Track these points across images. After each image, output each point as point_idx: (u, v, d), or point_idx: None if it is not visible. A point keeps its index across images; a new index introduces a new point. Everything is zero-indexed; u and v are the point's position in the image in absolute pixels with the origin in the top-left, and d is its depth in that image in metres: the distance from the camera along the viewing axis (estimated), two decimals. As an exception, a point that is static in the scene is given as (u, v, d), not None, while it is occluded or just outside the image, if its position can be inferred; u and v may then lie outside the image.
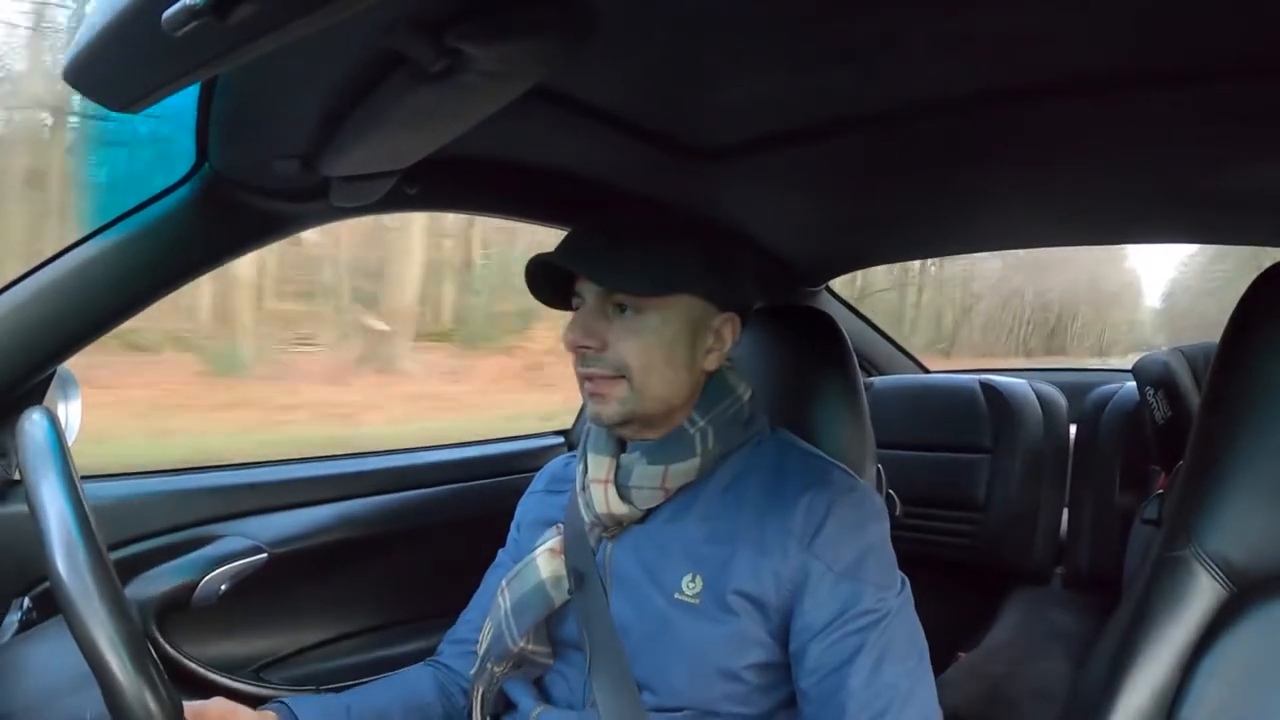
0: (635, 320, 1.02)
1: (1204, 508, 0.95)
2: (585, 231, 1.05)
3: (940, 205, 1.73)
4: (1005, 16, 0.88)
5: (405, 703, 1.12)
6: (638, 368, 1.01)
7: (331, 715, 1.05)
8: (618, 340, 1.02)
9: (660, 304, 1.02)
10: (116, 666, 0.71)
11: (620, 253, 1.01)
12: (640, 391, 1.02)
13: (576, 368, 1.05)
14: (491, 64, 0.74)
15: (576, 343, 1.02)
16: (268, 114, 0.97)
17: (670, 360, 1.03)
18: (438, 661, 1.21)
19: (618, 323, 1.02)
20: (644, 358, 1.01)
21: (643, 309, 1.01)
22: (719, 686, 0.97)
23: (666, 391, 1.03)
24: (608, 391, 1.02)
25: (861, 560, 0.97)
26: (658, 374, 1.02)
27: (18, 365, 1.13)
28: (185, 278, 1.19)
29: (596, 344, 1.02)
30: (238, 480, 1.50)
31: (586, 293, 1.04)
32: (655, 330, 1.02)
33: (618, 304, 1.02)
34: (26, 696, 0.91)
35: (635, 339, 1.01)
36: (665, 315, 1.02)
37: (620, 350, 1.01)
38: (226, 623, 1.44)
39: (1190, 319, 24.26)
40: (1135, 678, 0.90)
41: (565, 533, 1.11)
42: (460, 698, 1.16)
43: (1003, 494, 2.25)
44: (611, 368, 1.02)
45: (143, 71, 0.69)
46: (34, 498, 0.77)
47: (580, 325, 1.03)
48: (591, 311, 1.03)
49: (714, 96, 1.13)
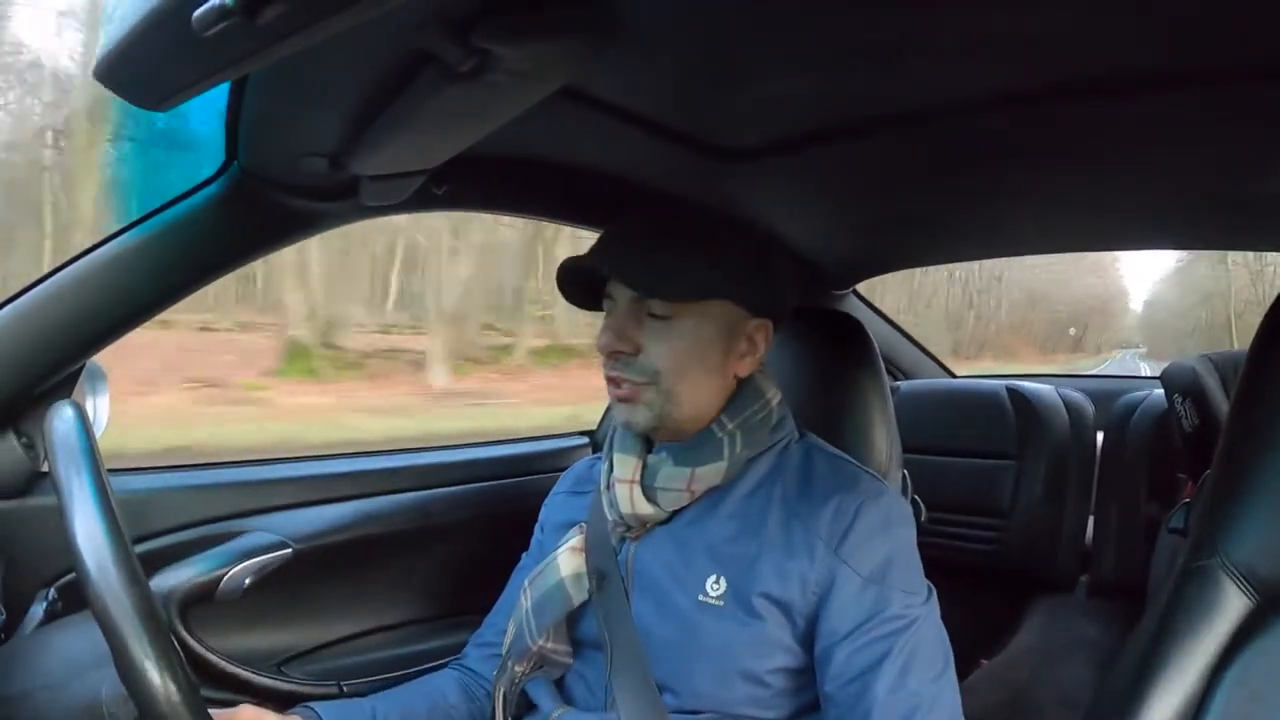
0: (670, 325, 1.01)
1: (1231, 518, 0.94)
2: (620, 234, 1.04)
3: (969, 208, 1.72)
4: (1034, 17, 0.87)
5: (430, 706, 1.12)
6: (669, 373, 1.01)
7: (354, 717, 1.06)
8: (651, 345, 1.01)
9: (695, 309, 1.01)
10: (140, 658, 0.72)
11: (656, 257, 1.00)
12: (670, 397, 1.01)
13: (605, 371, 1.04)
14: (519, 64, 0.74)
15: (610, 347, 1.01)
16: (297, 113, 0.97)
17: (703, 366, 1.03)
18: (462, 664, 1.21)
19: (651, 327, 1.01)
20: (676, 363, 1.01)
21: (677, 314, 1.01)
22: (741, 689, 0.97)
23: (697, 397, 1.03)
24: (636, 396, 1.02)
25: (888, 565, 0.96)
26: (689, 380, 1.02)
27: (47, 359, 1.14)
28: (214, 274, 1.20)
29: (630, 348, 1.01)
30: (263, 476, 1.51)
31: (619, 296, 1.03)
32: (689, 335, 1.01)
33: (651, 309, 1.01)
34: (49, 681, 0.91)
35: (669, 344, 1.01)
36: (700, 320, 1.02)
37: (653, 355, 1.01)
38: (250, 617, 1.44)
39: (1166, 327, 29.48)
40: (1159, 688, 0.89)
41: (587, 532, 1.10)
42: (484, 701, 1.16)
43: (1028, 501, 2.23)
44: (643, 373, 1.01)
45: (173, 70, 0.69)
46: (61, 490, 0.77)
47: (613, 329, 1.02)
48: (625, 315, 1.03)
49: (741, 97, 1.13)
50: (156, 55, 0.66)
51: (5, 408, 1.14)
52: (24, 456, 1.18)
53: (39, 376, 1.15)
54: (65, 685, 0.90)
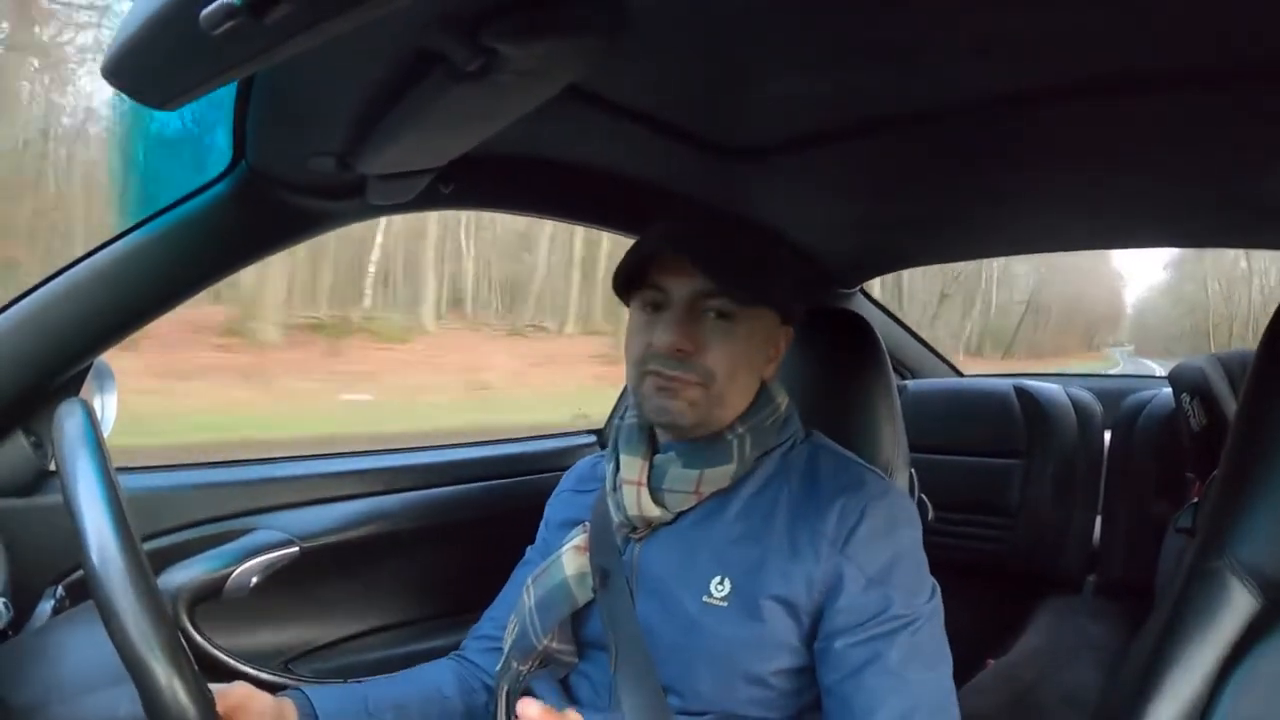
0: (730, 326, 1.00)
1: (1238, 518, 0.94)
2: (689, 226, 1.04)
3: (977, 207, 1.71)
4: (1044, 16, 0.87)
5: (425, 696, 1.11)
6: (723, 375, 1.00)
7: (348, 705, 1.05)
8: (709, 345, 1.00)
9: (750, 313, 1.01)
10: (147, 656, 0.72)
11: (730, 255, 1.00)
12: (718, 398, 1.01)
13: (647, 366, 1.01)
14: (526, 63, 0.74)
15: (675, 346, 0.99)
16: (304, 112, 0.97)
17: (749, 370, 1.03)
18: (461, 656, 1.21)
19: (711, 327, 1.00)
20: (731, 365, 1.01)
21: (736, 316, 1.00)
22: (744, 691, 0.97)
23: (739, 400, 1.04)
24: (683, 391, 1.00)
25: (893, 565, 0.96)
26: (737, 383, 1.02)
27: (55, 357, 1.15)
28: (221, 273, 1.20)
29: (693, 347, 0.99)
30: (270, 474, 1.51)
31: (676, 291, 1.01)
32: (744, 339, 1.01)
33: (717, 309, 1.00)
34: (59, 682, 0.92)
35: (729, 346, 1.00)
36: (751, 325, 1.02)
37: (712, 357, 1.00)
38: (257, 614, 1.45)
39: (1154, 331, 33.93)
40: (1166, 689, 0.89)
41: (591, 531, 1.10)
42: (482, 693, 1.16)
43: (1035, 500, 2.22)
44: (701, 374, 0.99)
45: (180, 69, 0.69)
46: (69, 488, 0.77)
47: (676, 327, 0.99)
48: (685, 313, 1.00)
49: (748, 96, 1.13)
50: (164, 54, 0.66)
51: (14, 406, 1.14)
52: (32, 454, 1.18)
53: (47, 375, 1.15)
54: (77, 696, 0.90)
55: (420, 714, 1.09)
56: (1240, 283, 30.45)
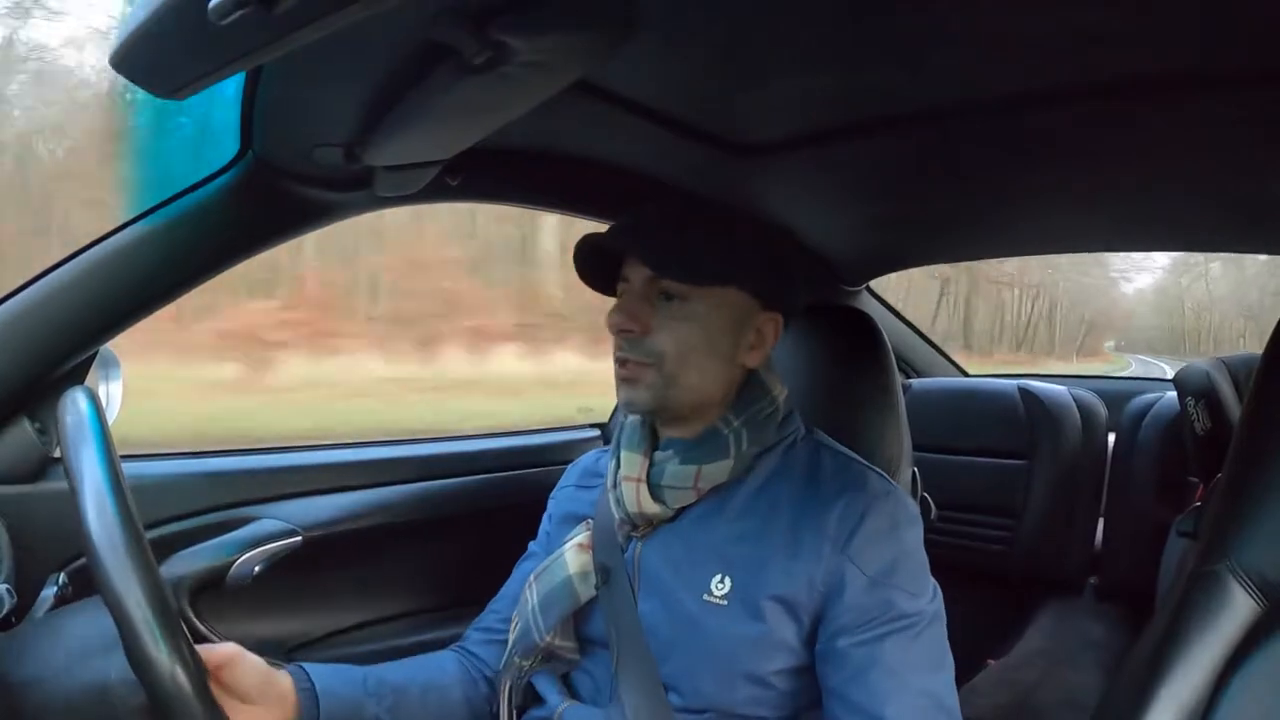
0: (681, 308, 1.01)
1: (1241, 522, 0.93)
2: (640, 216, 1.04)
3: (984, 206, 1.71)
4: (1052, 18, 0.87)
5: (424, 683, 1.11)
6: (674, 356, 1.01)
7: (346, 684, 1.04)
8: (660, 327, 1.01)
9: (708, 294, 1.01)
10: (149, 643, 0.73)
11: (675, 239, 1.01)
12: (672, 379, 1.01)
13: (614, 352, 1.04)
14: (535, 56, 0.74)
15: (619, 325, 1.02)
16: (312, 103, 0.97)
17: (710, 352, 1.03)
18: (463, 647, 1.21)
19: (662, 309, 1.02)
20: (682, 346, 1.01)
21: (689, 297, 1.01)
22: (744, 690, 0.97)
23: (700, 383, 1.03)
24: (639, 377, 1.02)
25: (895, 566, 0.96)
26: (693, 365, 1.02)
27: (60, 345, 1.14)
28: (227, 263, 1.20)
29: (639, 328, 1.01)
30: (275, 463, 1.51)
31: (634, 276, 1.03)
32: (700, 320, 1.01)
33: (665, 291, 1.01)
34: (58, 666, 0.92)
35: (678, 327, 1.01)
36: (711, 306, 1.02)
37: (660, 337, 1.01)
38: (260, 604, 1.45)
39: (1139, 333, 38.12)
40: (1165, 692, 0.89)
41: (594, 529, 1.11)
42: (483, 684, 1.16)
43: (1038, 501, 2.22)
44: (648, 354, 1.01)
45: (189, 59, 0.69)
46: (73, 475, 0.78)
47: (624, 309, 1.02)
48: (637, 296, 1.03)
49: (756, 92, 1.12)
50: (172, 44, 0.66)
51: (19, 393, 1.14)
52: (37, 442, 1.18)
53: (52, 362, 1.15)
54: (73, 669, 0.90)
55: (420, 701, 1.09)
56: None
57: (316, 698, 1.00)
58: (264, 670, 0.96)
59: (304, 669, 1.02)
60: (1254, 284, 33.04)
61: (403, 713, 1.07)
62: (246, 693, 0.92)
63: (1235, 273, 32.79)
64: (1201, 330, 37.81)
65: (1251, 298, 33.47)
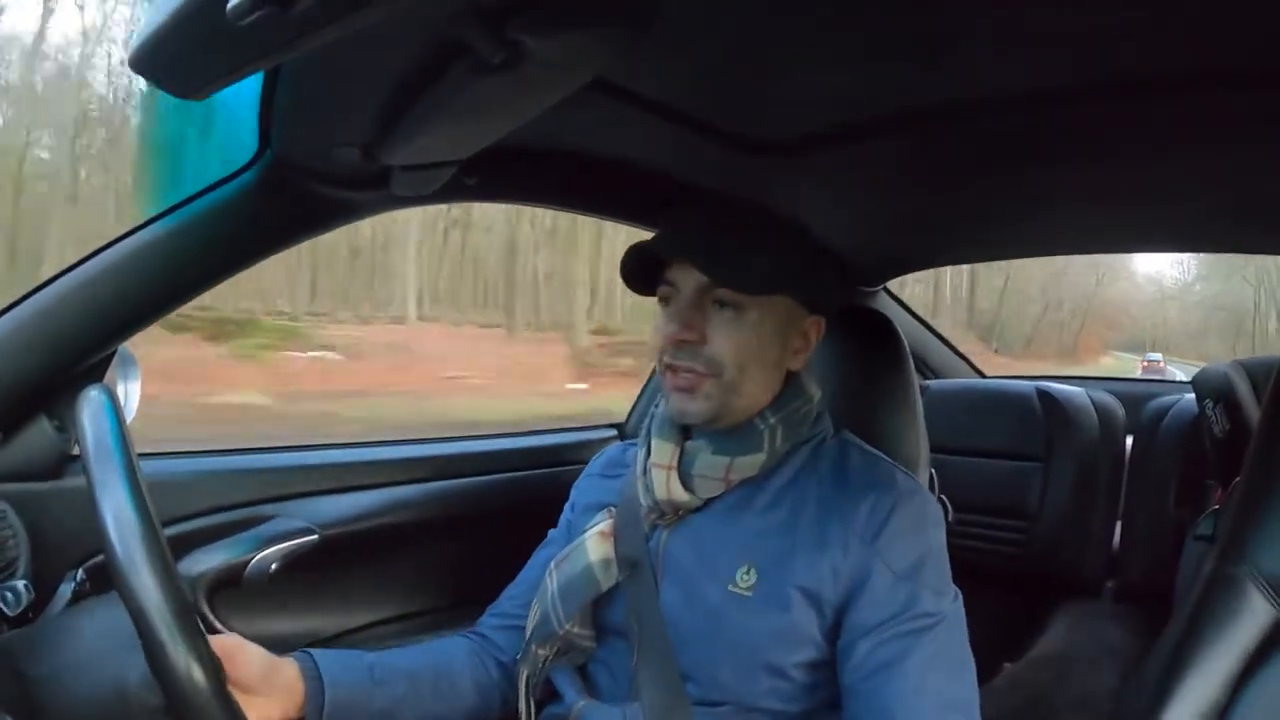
0: (736, 316, 1.01)
1: (1260, 526, 0.93)
2: (692, 222, 1.04)
3: (1002, 207, 1.70)
4: (1071, 15, 0.86)
5: (434, 668, 1.11)
6: (733, 365, 1.01)
7: (353, 670, 1.04)
8: (716, 335, 1.01)
9: (761, 302, 1.01)
10: (166, 640, 0.73)
11: (729, 246, 1.00)
12: (731, 389, 1.01)
13: (663, 359, 1.04)
14: (552, 55, 0.74)
15: (677, 335, 1.01)
16: (330, 103, 0.98)
17: (763, 359, 1.03)
18: (476, 632, 1.21)
19: (716, 317, 1.01)
20: (741, 355, 1.01)
21: (744, 306, 1.01)
22: (764, 682, 0.97)
23: (755, 390, 1.04)
24: (697, 387, 1.01)
25: (921, 563, 0.96)
26: (750, 373, 1.02)
27: (79, 343, 1.15)
28: (246, 262, 1.21)
29: (695, 337, 1.01)
30: (292, 462, 1.52)
31: (684, 284, 1.03)
32: (754, 328, 1.01)
33: (719, 299, 1.01)
34: (75, 662, 0.92)
35: (735, 335, 1.01)
36: (764, 314, 1.02)
37: (718, 346, 1.01)
38: (276, 602, 1.45)
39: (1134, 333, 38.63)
40: (1181, 696, 0.89)
41: (617, 517, 1.11)
42: (495, 670, 1.16)
43: (1055, 503, 2.20)
44: (707, 363, 1.01)
45: (207, 60, 0.70)
46: (91, 473, 0.78)
47: (679, 318, 1.02)
48: (690, 304, 1.02)
49: (773, 90, 1.12)
50: (191, 44, 0.66)
51: (38, 391, 1.15)
52: (56, 439, 1.19)
53: (71, 360, 1.16)
54: (90, 666, 0.90)
55: (431, 687, 1.09)
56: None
57: (323, 686, 1.00)
58: (268, 660, 0.96)
59: (310, 655, 1.02)
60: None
61: (412, 699, 1.07)
62: (251, 684, 0.92)
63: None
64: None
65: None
